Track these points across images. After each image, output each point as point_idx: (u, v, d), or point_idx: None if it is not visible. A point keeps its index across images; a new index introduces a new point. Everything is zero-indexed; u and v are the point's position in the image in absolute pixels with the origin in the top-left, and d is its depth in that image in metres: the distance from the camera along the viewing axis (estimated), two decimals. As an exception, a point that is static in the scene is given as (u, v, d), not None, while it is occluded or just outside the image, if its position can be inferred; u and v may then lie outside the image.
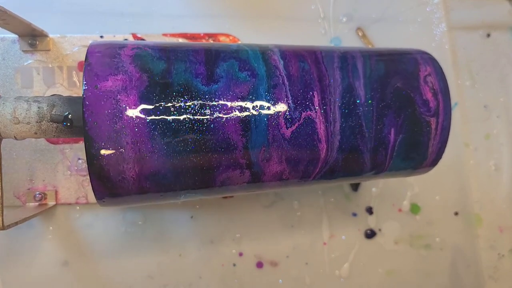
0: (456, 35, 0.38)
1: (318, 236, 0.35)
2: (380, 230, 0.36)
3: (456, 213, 0.36)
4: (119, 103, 0.19)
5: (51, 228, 0.32)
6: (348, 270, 0.35)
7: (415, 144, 0.26)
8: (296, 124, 0.23)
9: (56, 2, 0.34)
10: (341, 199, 0.35)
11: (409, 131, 0.25)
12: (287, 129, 0.22)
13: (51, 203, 0.31)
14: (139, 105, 0.20)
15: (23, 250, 0.32)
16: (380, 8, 0.37)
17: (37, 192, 0.31)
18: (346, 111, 0.24)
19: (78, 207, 0.33)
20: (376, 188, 0.36)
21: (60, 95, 0.23)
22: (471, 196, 0.37)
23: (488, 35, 0.38)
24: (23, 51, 0.31)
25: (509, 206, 0.37)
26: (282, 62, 0.23)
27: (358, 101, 0.24)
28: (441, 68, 0.26)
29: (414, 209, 0.36)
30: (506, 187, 0.37)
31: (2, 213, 0.24)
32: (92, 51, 0.21)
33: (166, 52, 0.22)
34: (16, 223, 0.26)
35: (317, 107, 0.23)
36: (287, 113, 0.22)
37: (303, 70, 0.23)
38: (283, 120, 0.22)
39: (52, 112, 0.22)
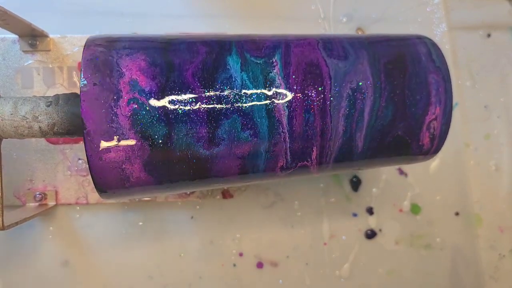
0: (456, 35, 0.38)
1: (318, 236, 0.35)
2: (380, 230, 0.36)
3: (457, 213, 0.36)
4: (124, 171, 0.20)
5: (51, 228, 0.32)
6: (349, 271, 0.35)
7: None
8: (291, 170, 0.24)
9: (56, 2, 0.34)
10: (342, 200, 0.35)
11: (395, 164, 0.27)
12: (281, 172, 0.24)
13: (51, 203, 0.31)
14: (144, 171, 0.21)
15: (23, 250, 0.32)
16: (380, 8, 0.37)
17: (37, 192, 0.31)
18: (341, 159, 0.24)
19: (78, 208, 0.33)
20: (377, 188, 0.36)
21: (57, 95, 0.23)
22: (471, 196, 0.37)
23: (489, 35, 0.38)
24: (23, 51, 0.31)
25: (509, 206, 0.37)
26: (287, 112, 0.22)
27: (355, 151, 0.24)
28: (451, 106, 0.25)
29: (415, 209, 0.36)
30: (507, 187, 0.37)
31: (2, 213, 0.24)
32: (86, 112, 0.19)
33: (165, 111, 0.20)
34: (16, 223, 0.26)
35: (314, 159, 0.23)
36: (284, 165, 0.23)
37: (306, 124, 0.22)
38: (279, 169, 0.23)
39: (54, 130, 0.22)
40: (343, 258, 0.35)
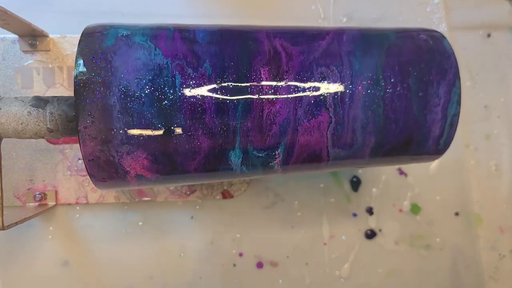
0: (456, 35, 0.38)
1: (318, 237, 0.35)
2: (380, 230, 0.35)
3: (457, 213, 0.36)
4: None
5: (51, 228, 0.32)
6: (349, 271, 0.35)
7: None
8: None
9: (56, 2, 0.34)
10: (342, 200, 0.35)
11: None
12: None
13: (51, 203, 0.31)
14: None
15: (23, 250, 0.32)
16: (380, 8, 0.37)
17: (37, 192, 0.31)
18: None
19: (78, 207, 0.33)
20: (377, 188, 0.36)
21: (54, 115, 0.22)
22: (472, 196, 0.37)
23: (489, 35, 0.38)
24: (23, 51, 0.31)
25: (509, 206, 0.37)
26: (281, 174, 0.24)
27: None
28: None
29: (415, 209, 0.36)
30: (507, 187, 0.37)
31: (2, 213, 0.24)
32: (100, 186, 0.22)
33: (168, 178, 0.22)
34: (16, 223, 0.26)
35: None
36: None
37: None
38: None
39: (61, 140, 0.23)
40: (343, 258, 0.35)
